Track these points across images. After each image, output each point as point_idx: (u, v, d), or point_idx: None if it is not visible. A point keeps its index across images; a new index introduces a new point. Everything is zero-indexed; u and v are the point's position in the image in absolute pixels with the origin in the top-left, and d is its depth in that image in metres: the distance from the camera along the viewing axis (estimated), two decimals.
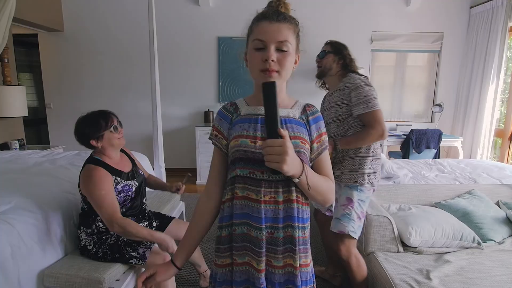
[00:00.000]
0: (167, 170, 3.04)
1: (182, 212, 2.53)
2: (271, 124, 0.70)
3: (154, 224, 1.76)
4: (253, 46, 0.80)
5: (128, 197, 1.55)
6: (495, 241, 1.80)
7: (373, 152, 1.59)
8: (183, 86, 4.43)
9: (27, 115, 3.57)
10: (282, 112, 0.85)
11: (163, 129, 3.05)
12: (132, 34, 4.27)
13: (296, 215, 0.81)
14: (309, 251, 0.87)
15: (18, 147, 3.49)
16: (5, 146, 3.39)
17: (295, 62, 0.86)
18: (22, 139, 3.72)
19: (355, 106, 1.54)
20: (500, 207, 2.05)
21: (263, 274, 0.81)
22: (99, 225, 1.52)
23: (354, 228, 1.55)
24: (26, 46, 5.01)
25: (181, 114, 4.52)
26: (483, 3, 3.82)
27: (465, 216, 1.91)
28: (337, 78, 1.67)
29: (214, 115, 4.37)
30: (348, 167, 1.59)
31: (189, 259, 0.97)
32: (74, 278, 1.38)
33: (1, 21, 2.80)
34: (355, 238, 1.57)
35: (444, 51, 4.25)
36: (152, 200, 2.26)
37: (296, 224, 0.81)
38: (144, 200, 1.71)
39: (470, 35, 4.08)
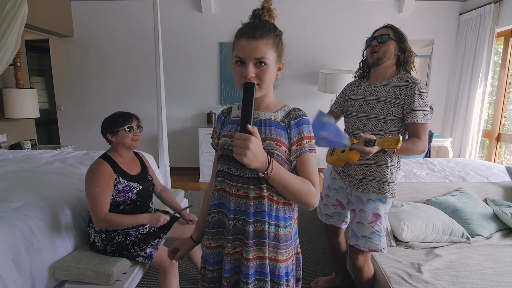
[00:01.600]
0: (171, 168, 3.04)
1: (186, 209, 2.53)
2: (243, 120, 0.74)
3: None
4: (234, 61, 0.82)
5: (128, 197, 1.54)
6: (483, 236, 1.80)
7: (398, 162, 1.45)
8: (187, 89, 4.43)
9: (38, 116, 3.57)
10: (264, 115, 0.87)
11: (168, 130, 3.06)
12: (138, 40, 4.28)
13: (266, 210, 0.84)
14: (284, 250, 0.87)
15: (30, 147, 3.49)
16: (18, 146, 3.39)
17: (279, 70, 0.87)
18: (34, 139, 3.72)
19: (413, 112, 1.31)
20: (487, 204, 2.06)
21: (229, 259, 0.87)
22: None
23: (385, 244, 1.42)
24: (37, 51, 5.01)
25: (184, 116, 4.52)
26: (471, 10, 3.82)
27: (454, 213, 1.91)
28: (388, 71, 1.42)
29: (216, 117, 4.38)
30: (377, 174, 1.41)
31: (190, 259, 1.04)
32: (84, 271, 1.38)
33: (14, 27, 2.81)
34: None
35: (434, 56, 4.25)
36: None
37: (266, 220, 0.84)
38: (150, 204, 1.71)
39: (459, 40, 4.08)
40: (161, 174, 2.77)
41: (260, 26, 0.81)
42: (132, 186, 1.56)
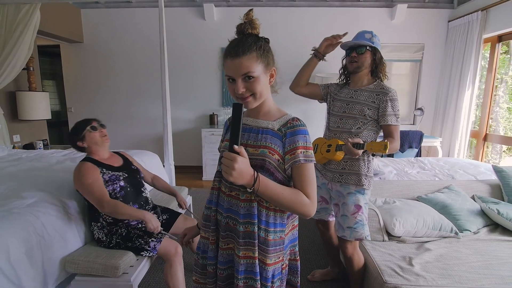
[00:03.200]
0: (176, 167, 3.04)
1: (190, 205, 2.53)
2: (231, 140, 0.74)
3: (165, 217, 1.76)
4: (226, 79, 0.83)
5: (117, 185, 1.54)
6: (470, 231, 1.80)
7: (372, 158, 1.54)
8: (190, 92, 4.42)
9: (50, 118, 3.57)
10: (262, 124, 0.87)
11: (173, 131, 3.06)
12: (144, 45, 4.28)
13: (256, 213, 0.83)
14: (272, 254, 0.85)
15: (42, 146, 3.49)
16: (30, 146, 3.39)
17: (272, 76, 0.87)
18: (46, 139, 3.72)
19: (388, 116, 1.43)
20: (475, 201, 2.05)
21: (224, 253, 0.88)
22: (105, 217, 1.52)
23: (368, 231, 1.49)
24: (49, 56, 5.01)
25: (188, 117, 4.51)
26: (460, 17, 3.82)
27: (444, 209, 1.91)
28: (365, 78, 1.52)
29: (218, 118, 4.39)
30: (355, 168, 1.48)
31: (192, 249, 1.04)
32: (92, 264, 1.38)
33: (27, 33, 2.81)
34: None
35: (425, 61, 4.24)
36: (163, 195, 2.26)
37: (256, 222, 0.83)
38: (142, 189, 1.70)
39: (448, 46, 4.08)
40: (166, 173, 2.77)
41: (241, 42, 0.80)
42: (117, 174, 1.57)
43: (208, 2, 4.05)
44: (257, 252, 0.84)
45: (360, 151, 1.33)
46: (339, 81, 1.64)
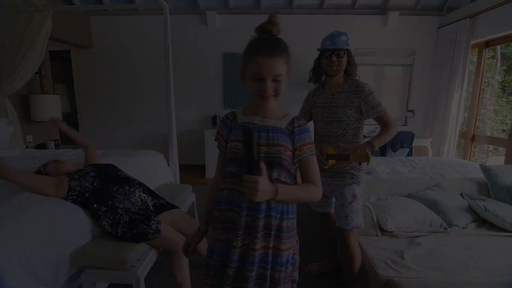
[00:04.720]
0: (180, 166, 3.03)
1: (193, 202, 2.52)
2: (249, 164, 0.74)
3: (162, 201, 1.75)
4: (251, 76, 0.80)
5: (89, 177, 1.57)
6: (459, 227, 1.80)
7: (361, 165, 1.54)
8: (194, 94, 4.42)
9: (61, 119, 3.56)
10: (270, 123, 0.87)
11: (177, 131, 3.05)
12: (150, 50, 4.28)
13: (274, 206, 0.85)
14: (286, 240, 0.87)
15: (53, 146, 3.49)
16: (42, 146, 3.39)
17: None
18: (57, 139, 3.72)
19: (372, 109, 1.44)
20: (463, 198, 2.05)
21: (237, 251, 0.86)
22: (100, 207, 1.52)
23: (362, 220, 1.50)
24: (60, 61, 5.01)
25: (192, 119, 4.52)
26: (449, 24, 3.82)
27: (433, 205, 1.91)
28: (341, 79, 1.52)
29: (221, 121, 4.38)
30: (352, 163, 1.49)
31: (197, 250, 1.03)
32: (101, 258, 1.38)
33: (39, 40, 2.81)
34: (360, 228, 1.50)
35: (416, 65, 4.24)
36: (169, 191, 2.25)
37: (274, 214, 0.85)
38: (119, 173, 1.70)
39: (438, 51, 4.07)
40: (171, 171, 2.77)
41: (275, 43, 0.80)
42: (86, 170, 1.61)
43: (210, 10, 4.05)
44: (272, 242, 0.86)
45: (349, 163, 1.42)
46: (310, 78, 1.64)
